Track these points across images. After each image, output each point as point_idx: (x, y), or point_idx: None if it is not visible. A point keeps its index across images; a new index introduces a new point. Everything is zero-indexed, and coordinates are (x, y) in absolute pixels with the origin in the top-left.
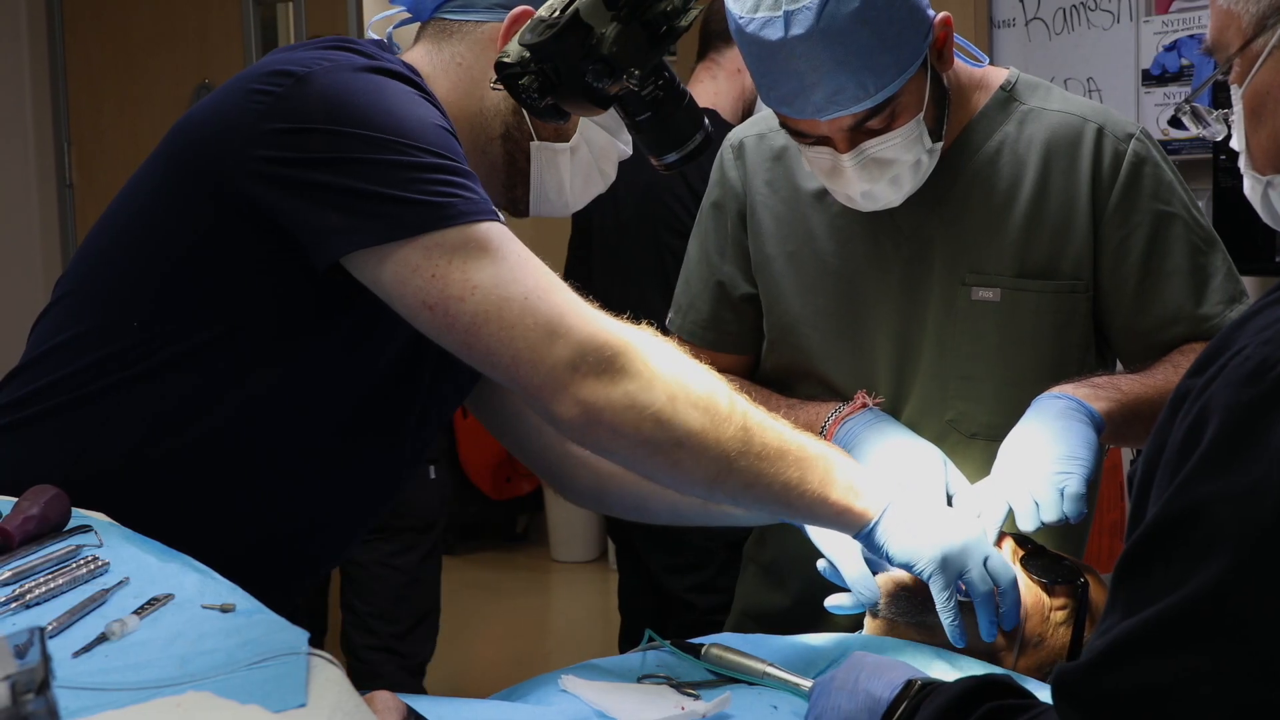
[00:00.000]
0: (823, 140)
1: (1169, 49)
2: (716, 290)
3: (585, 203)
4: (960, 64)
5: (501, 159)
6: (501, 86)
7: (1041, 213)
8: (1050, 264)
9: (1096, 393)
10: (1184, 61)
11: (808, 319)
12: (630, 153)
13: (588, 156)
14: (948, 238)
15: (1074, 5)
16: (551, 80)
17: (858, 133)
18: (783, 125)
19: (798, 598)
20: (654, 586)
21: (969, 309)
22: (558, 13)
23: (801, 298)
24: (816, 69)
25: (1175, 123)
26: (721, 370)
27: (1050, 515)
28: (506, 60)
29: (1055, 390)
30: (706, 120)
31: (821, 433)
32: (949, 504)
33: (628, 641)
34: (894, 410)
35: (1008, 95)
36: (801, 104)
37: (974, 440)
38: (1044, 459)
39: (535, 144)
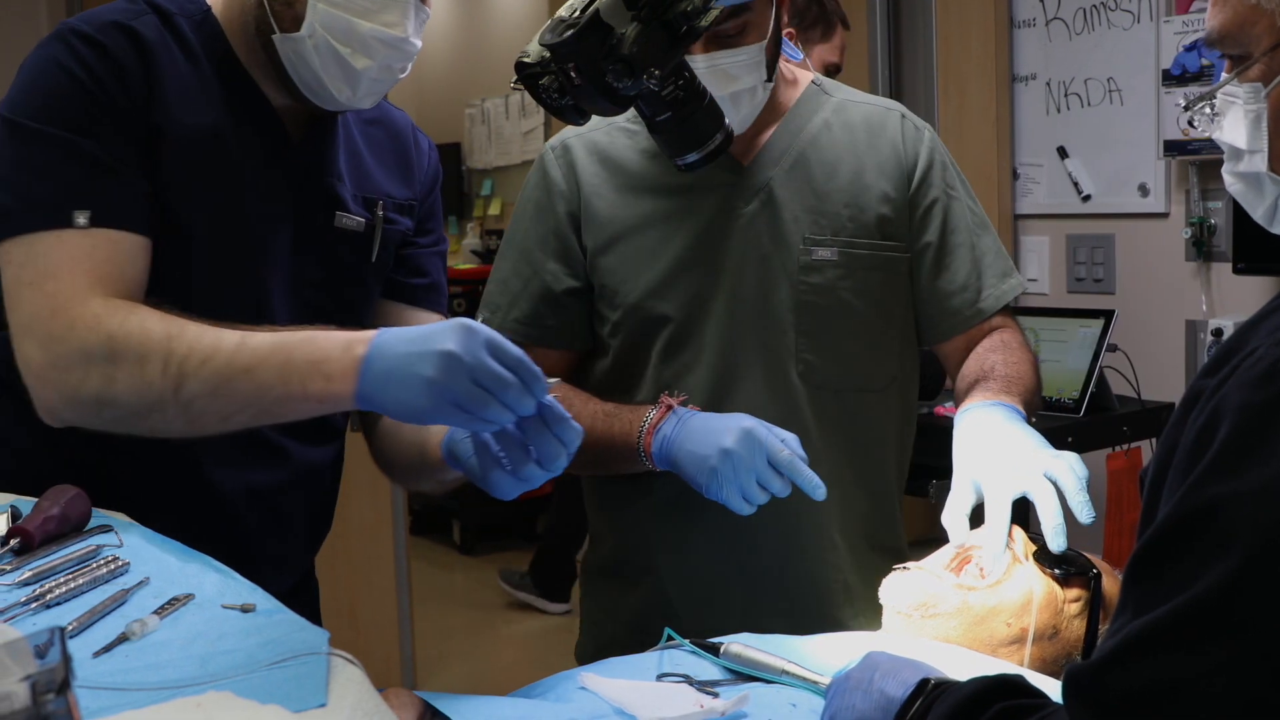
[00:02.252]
0: None
1: (1189, 49)
2: (539, 287)
3: (368, 95)
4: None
5: (264, 57)
6: (523, 86)
7: (864, 183)
8: (877, 227)
9: (1014, 400)
10: (1204, 61)
11: (655, 292)
12: (407, 38)
13: (329, 42)
14: (784, 204)
15: (1094, 5)
16: (571, 80)
17: (712, 40)
18: None
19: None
20: None
21: (810, 267)
22: (578, 12)
23: (646, 272)
24: None
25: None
26: (545, 367)
27: (1079, 493)
28: (526, 60)
29: (980, 400)
30: (727, 120)
31: (639, 449)
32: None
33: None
34: (732, 366)
35: (819, 89)
36: None
37: (821, 391)
38: (1038, 452)
39: (276, 37)
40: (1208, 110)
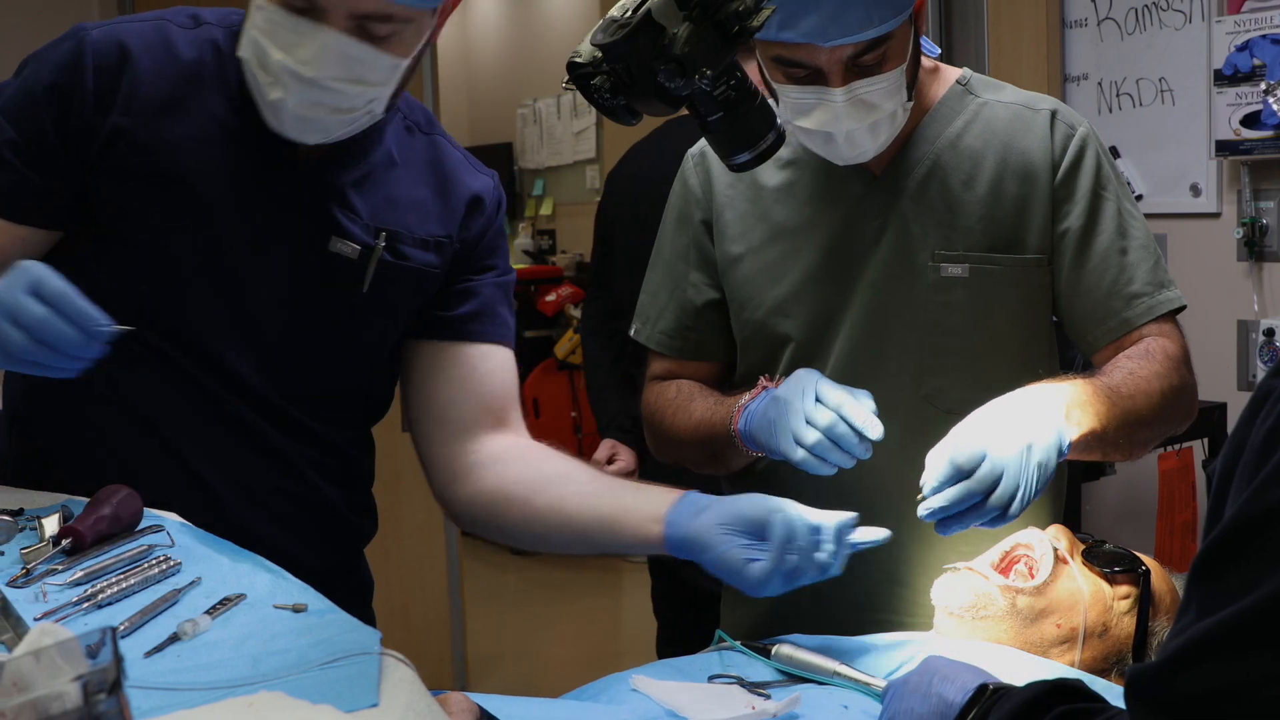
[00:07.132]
0: (813, 78)
1: (1241, 49)
2: (681, 300)
3: (309, 132)
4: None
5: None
6: (574, 86)
7: (1002, 190)
8: (1014, 239)
9: (1088, 414)
10: (1256, 61)
11: (780, 309)
12: (317, 79)
13: (251, 68)
14: (914, 218)
15: (1146, 5)
16: (623, 80)
17: (851, 70)
18: (775, 61)
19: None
20: (688, 588)
21: (939, 285)
22: (630, 12)
23: (772, 289)
24: None
25: (1247, 121)
26: (690, 378)
27: (962, 493)
28: (578, 60)
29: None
30: (779, 119)
31: (729, 430)
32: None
33: (665, 645)
34: (866, 389)
35: (964, 89)
36: (808, 26)
37: (950, 415)
38: (1004, 440)
39: (240, 54)
40: None
